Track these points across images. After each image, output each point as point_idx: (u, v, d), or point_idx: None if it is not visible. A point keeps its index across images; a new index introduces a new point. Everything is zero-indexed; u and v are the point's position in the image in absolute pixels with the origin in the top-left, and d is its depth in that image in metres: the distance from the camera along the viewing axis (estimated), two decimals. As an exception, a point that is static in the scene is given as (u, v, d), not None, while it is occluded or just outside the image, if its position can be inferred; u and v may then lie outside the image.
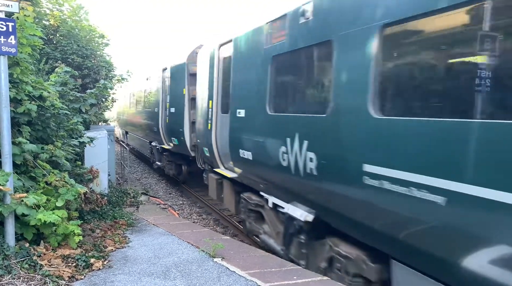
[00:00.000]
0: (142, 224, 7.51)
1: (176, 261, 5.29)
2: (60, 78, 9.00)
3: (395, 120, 3.72)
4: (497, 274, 2.89)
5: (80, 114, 9.33)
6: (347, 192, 4.39)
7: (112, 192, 9.12)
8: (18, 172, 5.47)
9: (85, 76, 13.28)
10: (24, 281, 4.31)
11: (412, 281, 3.74)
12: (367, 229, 4.22)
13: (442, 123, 3.26)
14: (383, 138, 3.85)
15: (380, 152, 3.87)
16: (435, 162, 3.29)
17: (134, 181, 15.97)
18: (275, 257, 5.72)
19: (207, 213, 11.56)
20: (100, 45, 15.29)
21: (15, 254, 4.73)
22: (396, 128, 3.70)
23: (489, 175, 2.89)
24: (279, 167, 5.70)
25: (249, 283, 4.53)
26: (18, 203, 4.81)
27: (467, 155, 3.05)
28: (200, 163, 10.85)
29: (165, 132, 13.82)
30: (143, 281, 4.60)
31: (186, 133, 11.43)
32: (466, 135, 3.06)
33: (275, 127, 5.99)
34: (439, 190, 3.21)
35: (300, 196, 5.53)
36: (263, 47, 6.34)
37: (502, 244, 2.85)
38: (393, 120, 3.74)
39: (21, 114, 5.71)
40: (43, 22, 12.64)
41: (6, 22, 4.77)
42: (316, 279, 4.69)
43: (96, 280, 4.59)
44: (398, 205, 3.67)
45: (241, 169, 7.41)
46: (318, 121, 4.87)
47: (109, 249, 5.71)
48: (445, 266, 3.31)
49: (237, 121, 7.28)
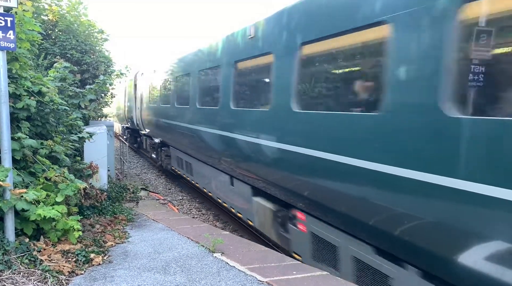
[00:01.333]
0: (142, 219, 7.52)
1: (176, 256, 5.30)
2: (59, 73, 8.98)
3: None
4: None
5: (79, 110, 9.32)
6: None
7: (111, 187, 9.13)
8: (18, 168, 5.47)
9: (84, 71, 13.24)
10: (24, 276, 4.32)
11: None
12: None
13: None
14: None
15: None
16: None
17: (134, 176, 15.98)
18: (275, 252, 5.74)
19: (206, 208, 11.59)
20: (99, 40, 15.23)
21: (15, 249, 4.74)
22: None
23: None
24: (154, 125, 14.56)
25: (248, 278, 4.54)
26: (18, 199, 4.81)
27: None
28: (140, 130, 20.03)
29: (125, 116, 23.91)
30: (143, 276, 4.61)
31: (133, 117, 20.43)
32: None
33: (152, 111, 15.57)
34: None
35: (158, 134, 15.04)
36: (150, 78, 16.33)
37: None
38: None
39: (20, 110, 5.70)
40: (41, 17, 12.59)
41: (4, 17, 4.75)
42: (315, 274, 4.71)
43: (96, 275, 4.61)
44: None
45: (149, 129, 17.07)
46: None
47: (109, 244, 5.73)
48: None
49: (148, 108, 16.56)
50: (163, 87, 14.24)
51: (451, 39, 3.28)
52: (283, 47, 5.83)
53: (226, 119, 7.91)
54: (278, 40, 5.97)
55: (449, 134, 3.22)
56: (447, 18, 3.29)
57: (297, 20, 5.53)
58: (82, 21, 14.19)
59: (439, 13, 3.36)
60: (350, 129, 4.41)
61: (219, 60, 8.34)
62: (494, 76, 3.32)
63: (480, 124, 3.03)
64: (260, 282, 4.41)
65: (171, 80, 12.78)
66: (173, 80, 12.53)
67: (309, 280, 4.52)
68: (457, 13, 3.22)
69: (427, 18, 3.48)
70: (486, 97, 3.34)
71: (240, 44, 7.39)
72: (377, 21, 4.01)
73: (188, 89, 10.58)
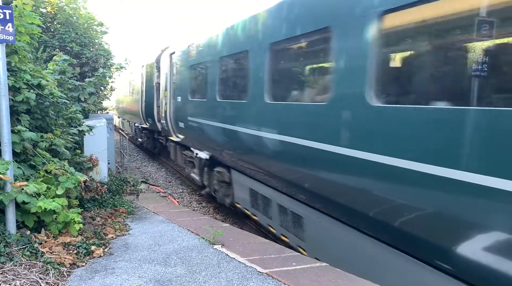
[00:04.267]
0: (142, 212, 7.55)
1: (177, 248, 5.34)
2: (58, 66, 8.96)
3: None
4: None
5: (79, 103, 9.31)
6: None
7: (112, 180, 9.16)
8: (18, 160, 5.49)
9: (84, 64, 13.21)
10: (26, 268, 4.35)
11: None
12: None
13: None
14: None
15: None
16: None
17: (134, 169, 16.01)
18: (275, 244, 5.77)
19: (207, 201, 11.62)
20: (99, 33, 15.18)
21: (16, 241, 4.77)
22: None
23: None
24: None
25: (248, 269, 4.58)
26: (19, 191, 4.83)
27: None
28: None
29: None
30: (143, 267, 4.64)
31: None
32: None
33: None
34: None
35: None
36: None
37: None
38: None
39: (20, 103, 5.70)
40: (40, 10, 12.53)
41: (3, 10, 4.72)
42: (315, 265, 4.75)
43: (97, 267, 4.64)
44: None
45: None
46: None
47: (110, 236, 5.76)
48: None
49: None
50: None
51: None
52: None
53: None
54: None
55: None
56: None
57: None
58: (81, 13, 14.14)
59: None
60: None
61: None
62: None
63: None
64: (260, 273, 4.44)
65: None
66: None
67: (309, 271, 4.56)
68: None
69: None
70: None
71: None
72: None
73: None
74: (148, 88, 16.43)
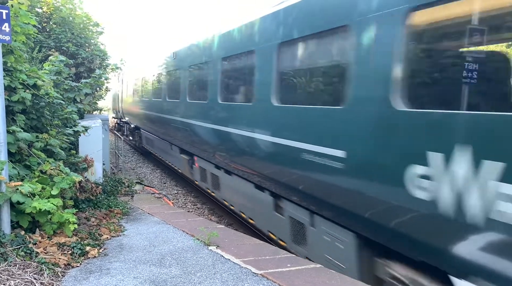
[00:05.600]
0: (137, 212, 7.55)
1: (171, 249, 5.35)
2: (54, 67, 8.95)
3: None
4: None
5: (74, 103, 9.30)
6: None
7: (106, 181, 9.15)
8: (13, 161, 5.47)
9: (79, 65, 13.19)
10: (20, 268, 4.35)
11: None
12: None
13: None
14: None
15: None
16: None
17: (129, 170, 15.98)
18: (269, 245, 5.80)
19: (201, 202, 11.63)
20: (95, 33, 15.16)
21: (10, 241, 4.76)
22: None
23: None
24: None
25: (243, 270, 4.60)
26: (13, 191, 4.82)
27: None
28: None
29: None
30: (138, 268, 4.65)
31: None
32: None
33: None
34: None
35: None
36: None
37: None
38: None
39: (16, 103, 5.69)
40: (35, 10, 12.50)
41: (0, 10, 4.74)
42: (309, 267, 4.78)
43: (92, 268, 4.64)
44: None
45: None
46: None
47: (104, 237, 5.75)
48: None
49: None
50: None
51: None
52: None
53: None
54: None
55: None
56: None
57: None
58: (77, 13, 14.11)
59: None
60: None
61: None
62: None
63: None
64: (255, 274, 4.47)
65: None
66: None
67: (303, 272, 4.58)
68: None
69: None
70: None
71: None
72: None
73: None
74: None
